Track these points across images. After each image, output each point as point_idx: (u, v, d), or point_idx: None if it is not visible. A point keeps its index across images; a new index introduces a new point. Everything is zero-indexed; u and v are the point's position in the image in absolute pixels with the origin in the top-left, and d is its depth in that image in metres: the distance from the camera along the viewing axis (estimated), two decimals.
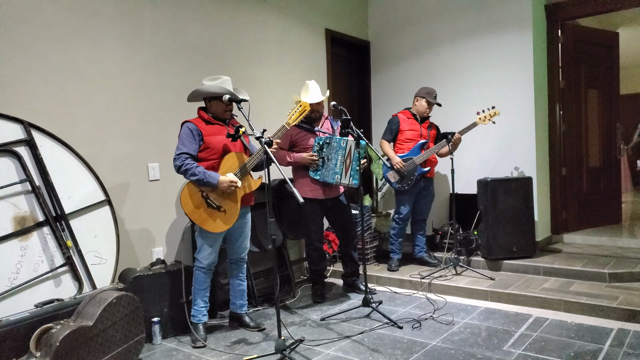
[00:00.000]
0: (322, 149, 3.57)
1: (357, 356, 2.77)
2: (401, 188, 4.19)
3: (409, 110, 4.35)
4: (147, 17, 3.42)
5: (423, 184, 4.28)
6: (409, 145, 4.22)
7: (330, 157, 3.54)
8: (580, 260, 4.07)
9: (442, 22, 4.98)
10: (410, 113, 4.31)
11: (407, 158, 4.15)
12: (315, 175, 3.59)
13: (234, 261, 3.26)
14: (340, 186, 3.73)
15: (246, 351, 2.91)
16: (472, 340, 2.94)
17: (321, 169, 3.57)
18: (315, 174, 3.59)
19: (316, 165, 3.57)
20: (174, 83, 3.56)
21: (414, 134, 4.24)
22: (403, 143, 4.25)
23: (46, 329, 2.40)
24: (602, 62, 5.18)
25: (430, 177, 4.35)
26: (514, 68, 4.55)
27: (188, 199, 2.95)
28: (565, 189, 4.90)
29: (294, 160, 3.62)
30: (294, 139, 3.68)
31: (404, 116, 4.30)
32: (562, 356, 2.65)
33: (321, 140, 3.58)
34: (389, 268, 4.32)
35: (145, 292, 3.06)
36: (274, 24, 4.41)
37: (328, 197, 3.71)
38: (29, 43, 2.82)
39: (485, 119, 4.12)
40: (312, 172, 3.60)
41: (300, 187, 3.67)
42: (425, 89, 4.27)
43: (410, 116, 4.29)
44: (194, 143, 2.98)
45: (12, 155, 2.69)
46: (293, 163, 3.65)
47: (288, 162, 3.64)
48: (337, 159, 3.52)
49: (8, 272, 2.61)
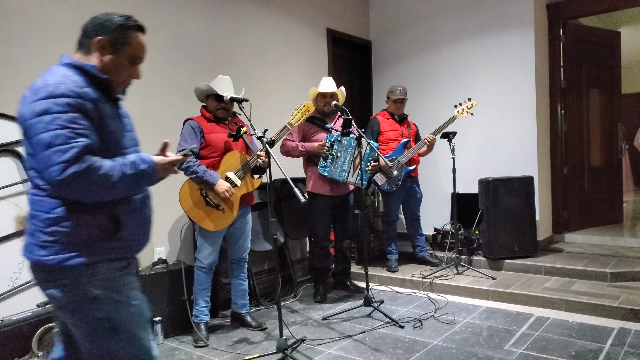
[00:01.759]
0: (333, 146, 3.60)
1: (359, 355, 2.77)
2: (390, 189, 4.16)
3: (385, 111, 4.35)
4: (148, 16, 3.41)
5: (409, 184, 4.27)
6: (391, 145, 4.20)
7: (339, 154, 3.58)
8: (581, 259, 4.07)
9: (444, 22, 4.97)
10: (388, 113, 4.30)
11: (392, 158, 4.12)
12: (323, 171, 3.61)
13: (235, 261, 3.26)
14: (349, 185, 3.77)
15: (248, 350, 2.91)
16: (473, 339, 2.94)
17: (329, 166, 3.60)
18: (323, 169, 3.61)
19: (325, 156, 3.60)
20: (175, 83, 3.56)
21: (395, 134, 4.23)
22: (386, 144, 4.23)
23: (48, 329, 2.41)
24: (604, 61, 5.17)
25: (415, 177, 4.33)
26: (515, 67, 4.55)
27: (187, 197, 2.95)
28: (566, 188, 4.89)
29: (306, 149, 3.66)
30: (306, 133, 3.74)
31: (383, 117, 4.29)
32: (564, 355, 2.65)
33: (332, 137, 3.62)
34: (388, 269, 4.31)
35: (147, 292, 3.02)
36: (275, 23, 4.40)
37: (337, 194, 3.74)
38: (29, 42, 2.82)
39: (463, 112, 4.13)
40: (321, 168, 3.62)
41: (312, 183, 3.74)
42: (390, 88, 4.30)
43: (389, 117, 4.28)
44: (195, 140, 2.99)
45: (13, 155, 2.70)
46: (304, 152, 3.69)
47: (300, 151, 3.68)
48: (346, 157, 3.57)
49: (10, 272, 2.62)
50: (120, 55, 1.57)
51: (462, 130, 4.47)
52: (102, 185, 1.44)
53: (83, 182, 1.39)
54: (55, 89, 1.41)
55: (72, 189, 1.40)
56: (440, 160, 4.80)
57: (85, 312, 1.48)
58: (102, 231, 1.49)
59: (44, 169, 1.39)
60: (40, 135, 1.39)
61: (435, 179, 4.98)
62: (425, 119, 4.75)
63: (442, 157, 4.65)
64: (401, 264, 4.40)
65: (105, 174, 1.43)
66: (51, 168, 1.37)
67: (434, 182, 4.97)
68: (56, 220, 1.44)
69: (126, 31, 1.58)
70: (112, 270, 1.51)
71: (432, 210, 4.90)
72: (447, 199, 4.87)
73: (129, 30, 1.59)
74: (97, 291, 1.48)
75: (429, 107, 5.01)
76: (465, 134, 4.68)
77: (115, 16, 1.58)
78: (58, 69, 1.50)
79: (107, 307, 1.49)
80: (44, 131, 1.38)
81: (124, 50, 1.58)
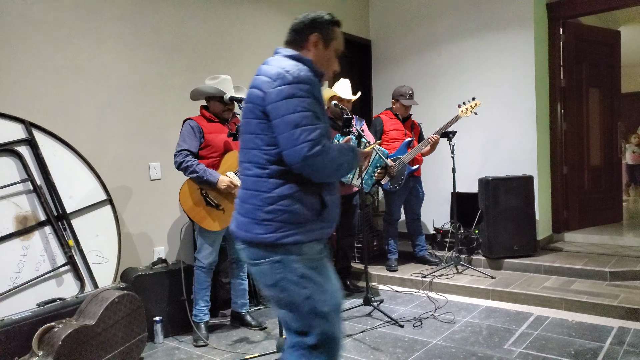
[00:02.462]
0: None
1: (359, 355, 2.77)
2: (392, 189, 4.15)
3: (390, 110, 4.33)
4: (147, 16, 3.42)
5: (412, 183, 4.27)
6: (395, 144, 4.19)
7: None
8: (581, 258, 4.07)
9: (444, 21, 4.97)
10: (392, 113, 4.28)
11: (395, 158, 4.12)
12: None
13: (234, 260, 3.26)
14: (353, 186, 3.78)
15: (248, 350, 2.91)
16: (473, 338, 2.94)
17: None
18: None
19: None
20: (175, 82, 3.56)
21: (398, 134, 4.22)
22: (389, 143, 4.22)
23: (48, 328, 2.41)
24: (604, 60, 5.17)
25: (417, 176, 4.33)
26: (515, 67, 4.55)
27: (187, 196, 2.95)
28: (566, 187, 4.89)
29: None
30: None
31: (387, 117, 4.27)
32: (563, 354, 2.65)
33: (340, 138, 3.61)
34: (387, 268, 4.31)
35: (147, 291, 3.06)
36: (275, 22, 4.40)
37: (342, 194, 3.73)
38: (29, 42, 2.82)
39: (467, 111, 4.10)
40: None
41: None
42: (399, 90, 4.21)
43: (393, 116, 4.26)
44: (194, 140, 2.99)
45: (13, 155, 2.70)
46: None
47: None
48: None
49: (10, 272, 2.62)
50: (329, 49, 1.75)
51: (462, 130, 4.47)
52: (333, 166, 1.59)
53: (321, 161, 1.54)
54: (298, 75, 1.56)
55: (312, 167, 1.54)
56: (440, 160, 4.80)
57: (292, 290, 1.59)
58: (313, 211, 1.62)
59: (291, 146, 1.52)
60: (288, 115, 1.53)
61: (435, 179, 4.98)
62: (425, 119, 4.75)
63: (442, 156, 4.65)
64: (401, 263, 4.40)
65: (334, 157, 1.59)
66: (300, 145, 1.52)
67: (433, 182, 4.97)
68: (276, 199, 1.57)
69: (333, 27, 1.76)
70: (316, 251, 1.65)
71: (432, 209, 4.90)
72: (447, 198, 4.87)
73: (334, 26, 1.77)
74: (304, 270, 1.60)
75: (428, 106, 5.01)
76: (465, 134, 4.68)
77: (323, 14, 1.76)
78: (283, 59, 1.64)
79: (310, 287, 1.60)
80: (292, 112, 1.53)
81: (332, 44, 1.76)
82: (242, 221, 1.63)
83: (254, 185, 1.61)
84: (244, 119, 1.66)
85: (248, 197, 1.62)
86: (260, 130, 1.60)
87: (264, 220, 1.57)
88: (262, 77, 1.61)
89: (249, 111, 1.64)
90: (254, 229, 1.58)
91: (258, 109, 1.60)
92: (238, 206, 1.67)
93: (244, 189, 1.66)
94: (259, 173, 1.60)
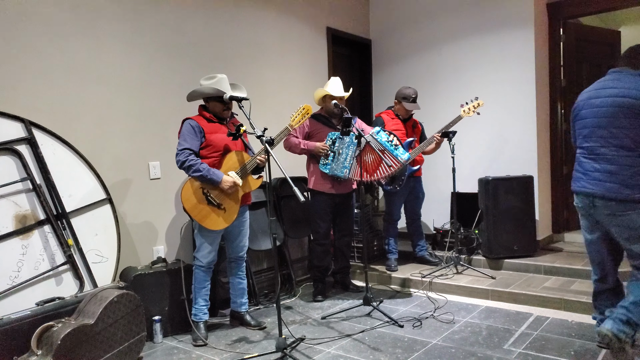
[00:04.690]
0: (335, 143, 3.60)
1: (358, 355, 2.77)
2: (393, 189, 4.14)
3: (391, 110, 4.30)
4: (147, 15, 3.41)
5: (412, 184, 4.25)
6: None
7: (341, 151, 3.59)
8: (581, 259, 4.06)
9: (444, 21, 4.97)
10: (394, 113, 4.25)
11: None
12: (324, 169, 3.62)
13: (233, 260, 3.26)
14: (352, 184, 3.77)
15: (247, 350, 2.91)
16: (472, 339, 2.94)
17: (331, 163, 3.61)
18: (324, 167, 3.62)
19: (326, 157, 3.61)
20: (175, 81, 3.56)
21: (400, 134, 4.20)
22: None
23: (47, 327, 2.40)
24: (604, 61, 5.16)
25: (418, 177, 4.32)
26: (515, 66, 4.55)
27: (189, 195, 2.95)
28: (566, 187, 4.88)
29: (307, 147, 3.66)
30: (311, 130, 3.74)
31: (388, 117, 4.22)
32: (563, 355, 2.65)
33: (334, 135, 3.62)
34: (387, 268, 4.31)
35: (146, 291, 3.06)
36: (275, 22, 4.40)
37: (338, 192, 3.74)
38: (29, 41, 2.82)
39: (470, 111, 4.07)
40: (322, 166, 3.63)
41: (314, 180, 3.74)
42: (403, 92, 4.15)
43: (394, 116, 4.22)
44: (195, 140, 2.98)
45: (13, 154, 2.70)
46: (305, 150, 3.69)
47: (301, 149, 3.68)
48: (348, 154, 3.58)
49: (9, 271, 2.62)
50: None
51: (462, 130, 4.47)
52: None
53: None
54: None
55: None
56: (440, 160, 4.80)
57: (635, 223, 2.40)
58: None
59: None
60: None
61: (435, 179, 4.98)
62: (425, 118, 4.74)
63: (442, 156, 4.65)
64: (401, 263, 4.40)
65: None
66: None
67: (433, 182, 4.97)
68: (638, 171, 2.37)
69: None
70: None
71: (432, 209, 4.90)
72: (447, 198, 4.87)
73: None
74: None
75: (428, 106, 5.01)
76: (465, 133, 4.68)
77: None
78: None
79: None
80: None
81: None
82: (610, 186, 2.40)
83: (623, 161, 2.38)
84: (610, 118, 2.45)
85: (614, 171, 2.40)
86: (630, 124, 2.38)
87: (631, 184, 2.36)
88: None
89: (622, 111, 2.41)
90: (624, 190, 2.37)
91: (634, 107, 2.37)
92: (606, 177, 2.42)
93: (612, 164, 2.41)
94: (629, 154, 2.37)
